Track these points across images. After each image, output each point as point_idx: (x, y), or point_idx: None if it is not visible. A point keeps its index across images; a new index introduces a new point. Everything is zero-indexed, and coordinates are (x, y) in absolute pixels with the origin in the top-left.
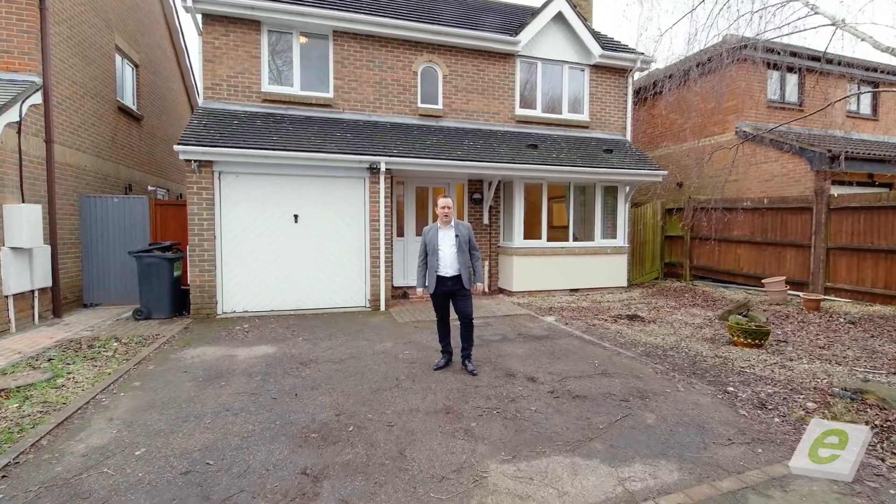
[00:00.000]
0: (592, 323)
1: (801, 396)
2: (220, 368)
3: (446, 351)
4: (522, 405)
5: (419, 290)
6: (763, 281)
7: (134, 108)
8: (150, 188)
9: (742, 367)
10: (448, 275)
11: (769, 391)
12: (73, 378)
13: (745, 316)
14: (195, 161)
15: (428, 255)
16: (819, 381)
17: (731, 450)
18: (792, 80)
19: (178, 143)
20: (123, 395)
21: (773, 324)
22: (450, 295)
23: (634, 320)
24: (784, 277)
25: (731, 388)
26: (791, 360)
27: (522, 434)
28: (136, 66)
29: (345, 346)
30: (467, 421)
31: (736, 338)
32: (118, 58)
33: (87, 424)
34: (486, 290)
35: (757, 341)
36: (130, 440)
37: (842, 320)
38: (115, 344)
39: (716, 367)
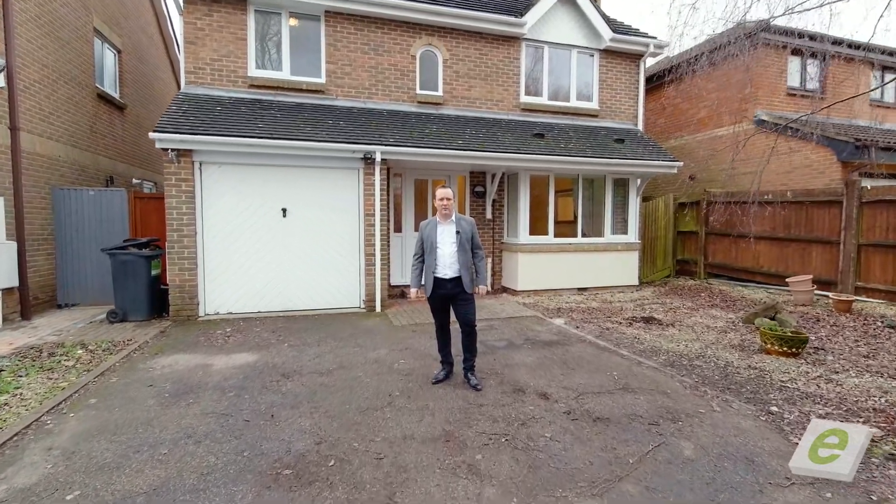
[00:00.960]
0: (606, 326)
1: (861, 420)
2: (191, 381)
3: (446, 362)
4: (535, 430)
5: (413, 290)
6: (788, 280)
7: (116, 95)
8: (135, 181)
9: (782, 382)
10: (447, 276)
11: (821, 412)
12: (21, 394)
13: (773, 319)
14: (173, 150)
15: (425, 253)
16: (876, 399)
17: (793, 494)
18: (813, 66)
19: (154, 131)
20: (73, 415)
21: (805, 328)
22: (449, 299)
23: (651, 323)
24: (811, 276)
25: (775, 409)
26: (836, 372)
27: (538, 471)
28: (119, 51)
29: (334, 353)
30: (471, 452)
31: (769, 345)
32: (97, 41)
33: (19, 456)
34: (490, 289)
35: (793, 350)
36: (66, 478)
37: (879, 324)
38: (80, 351)
39: (752, 381)
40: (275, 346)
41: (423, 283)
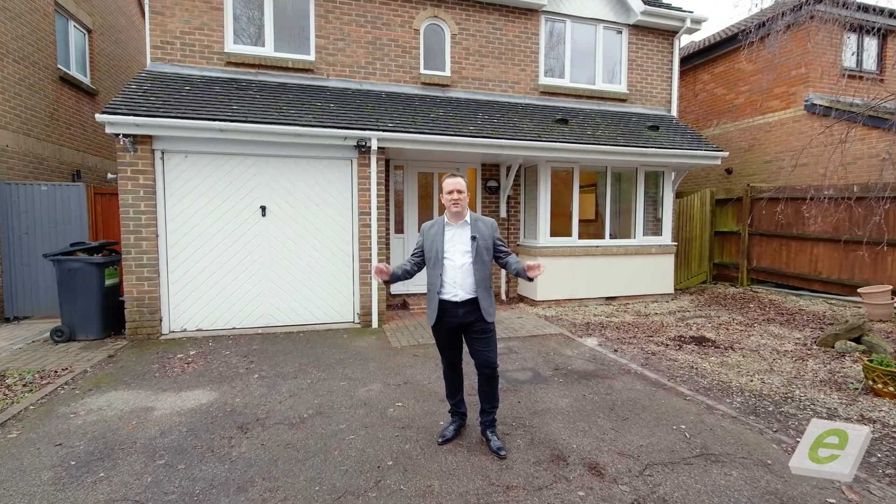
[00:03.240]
0: (650, 349)
1: None
2: (117, 437)
3: (457, 412)
4: None
5: (382, 267)
6: (860, 291)
7: (86, 80)
8: (109, 176)
9: None
10: (458, 299)
11: None
12: None
13: (857, 342)
14: (125, 136)
15: (427, 266)
16: None
17: None
18: (871, 43)
19: (103, 112)
20: None
21: None
22: (462, 330)
23: (705, 345)
24: (890, 287)
25: None
26: None
27: None
28: (89, 31)
29: (313, 390)
30: None
31: (879, 384)
32: (60, 18)
33: None
34: (505, 297)
35: None
36: None
37: None
38: None
39: (881, 446)
40: (241, 379)
41: (400, 273)
